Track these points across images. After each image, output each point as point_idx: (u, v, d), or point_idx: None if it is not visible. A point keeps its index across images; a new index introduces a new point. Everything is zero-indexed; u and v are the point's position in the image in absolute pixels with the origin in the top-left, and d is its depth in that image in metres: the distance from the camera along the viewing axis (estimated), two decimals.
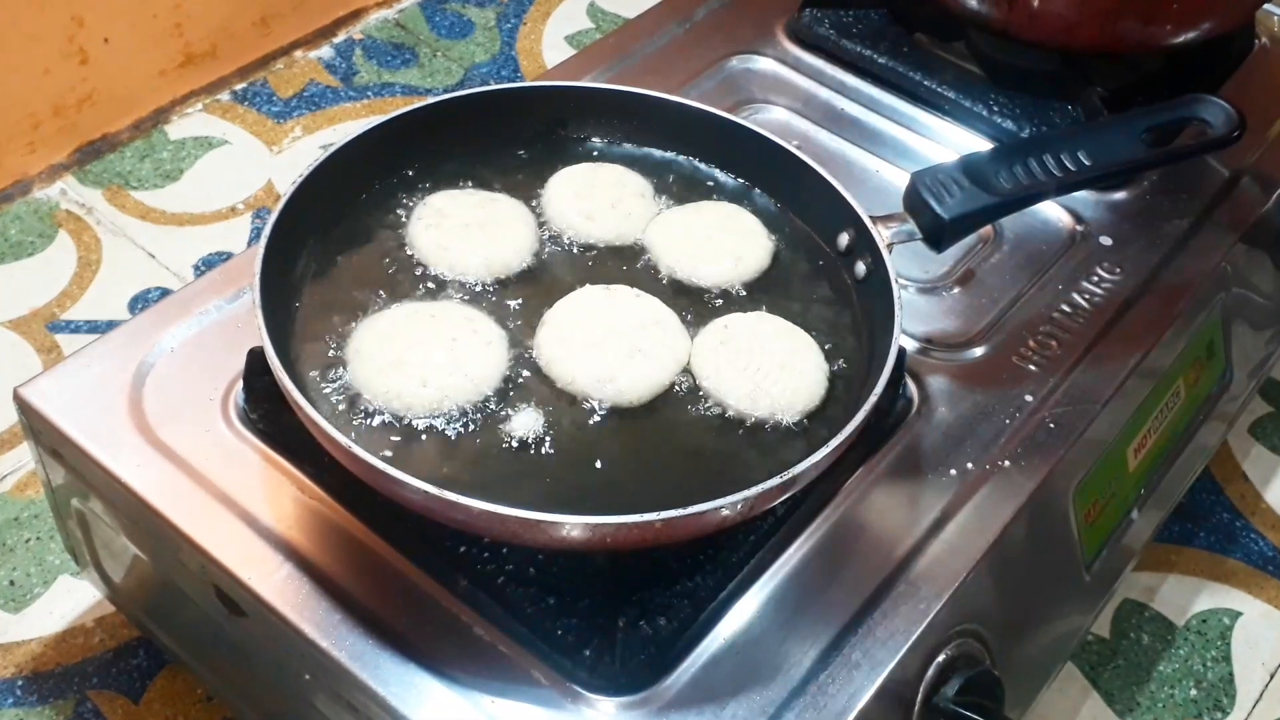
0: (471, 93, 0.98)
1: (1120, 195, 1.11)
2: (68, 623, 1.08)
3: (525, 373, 0.85)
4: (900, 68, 1.19)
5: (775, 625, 0.80)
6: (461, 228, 0.92)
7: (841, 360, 0.88)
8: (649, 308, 0.88)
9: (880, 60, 1.20)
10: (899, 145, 1.15)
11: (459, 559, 0.81)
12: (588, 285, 0.90)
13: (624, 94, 1.00)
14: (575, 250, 0.93)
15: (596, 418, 0.83)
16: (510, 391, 0.83)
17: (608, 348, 0.85)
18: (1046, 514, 0.92)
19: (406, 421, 0.81)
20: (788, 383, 0.84)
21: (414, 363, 0.82)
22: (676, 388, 0.85)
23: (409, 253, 0.91)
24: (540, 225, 0.95)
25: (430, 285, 0.89)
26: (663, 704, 0.76)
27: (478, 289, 0.89)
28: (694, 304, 0.90)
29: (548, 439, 0.81)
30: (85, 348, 0.92)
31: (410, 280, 0.89)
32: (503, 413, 0.82)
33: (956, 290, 1.02)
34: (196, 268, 1.38)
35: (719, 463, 0.81)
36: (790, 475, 0.74)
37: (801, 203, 0.97)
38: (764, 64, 1.22)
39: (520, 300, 0.89)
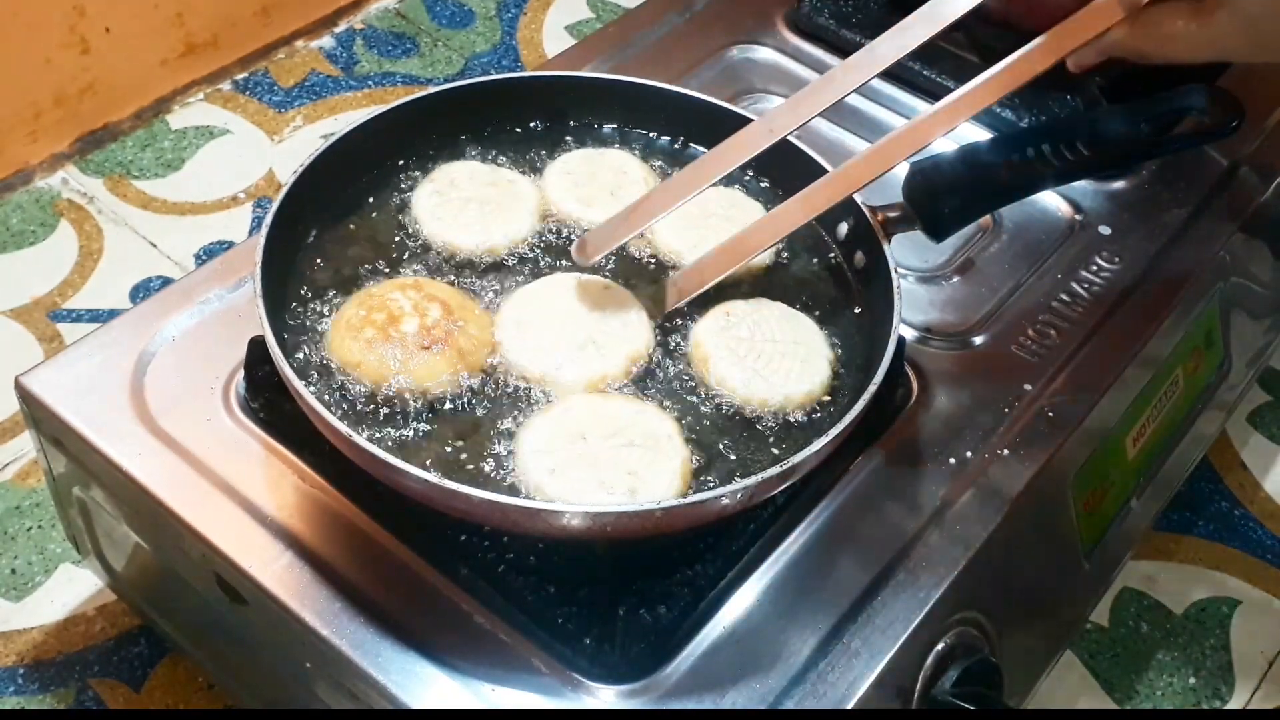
0: (472, 83, 0.98)
1: (1119, 185, 1.11)
2: (69, 611, 1.08)
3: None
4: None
5: (775, 613, 0.80)
6: (463, 201, 0.92)
7: (841, 349, 0.88)
8: (616, 299, 0.88)
9: None
10: None
11: (460, 547, 0.81)
12: (559, 273, 0.90)
13: (624, 84, 1.01)
14: (573, 236, 0.93)
15: None
16: (501, 377, 0.84)
17: (562, 336, 0.85)
18: (1046, 502, 0.92)
19: (407, 410, 0.81)
20: (789, 370, 0.84)
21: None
22: (677, 373, 0.85)
23: (409, 225, 0.92)
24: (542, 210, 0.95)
25: (427, 269, 0.90)
26: (663, 692, 0.76)
27: (469, 269, 0.90)
28: None
29: None
30: (86, 337, 0.92)
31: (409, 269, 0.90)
32: (495, 398, 0.82)
33: (956, 279, 1.03)
34: (198, 257, 1.38)
35: (719, 450, 0.81)
36: (790, 464, 0.74)
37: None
38: (764, 54, 1.22)
39: (505, 283, 0.89)
